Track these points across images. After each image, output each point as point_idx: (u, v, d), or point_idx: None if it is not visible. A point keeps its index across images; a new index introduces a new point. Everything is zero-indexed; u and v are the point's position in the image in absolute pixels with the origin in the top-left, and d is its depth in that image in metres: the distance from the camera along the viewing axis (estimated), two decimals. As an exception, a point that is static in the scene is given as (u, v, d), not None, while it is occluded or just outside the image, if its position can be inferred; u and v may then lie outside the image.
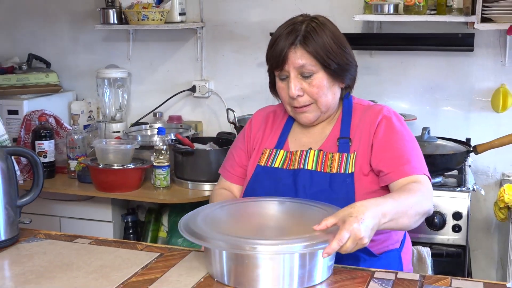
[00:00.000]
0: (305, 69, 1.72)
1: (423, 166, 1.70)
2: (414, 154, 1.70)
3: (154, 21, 3.14)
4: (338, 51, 1.75)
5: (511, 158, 2.93)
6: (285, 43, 1.73)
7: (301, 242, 1.37)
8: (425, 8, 2.76)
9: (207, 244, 1.41)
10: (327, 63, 1.72)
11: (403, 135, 1.73)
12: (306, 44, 1.71)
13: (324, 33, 1.74)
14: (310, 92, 1.74)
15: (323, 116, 1.80)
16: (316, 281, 1.42)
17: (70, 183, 3.00)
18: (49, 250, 1.66)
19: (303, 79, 1.73)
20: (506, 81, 2.90)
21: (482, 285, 1.42)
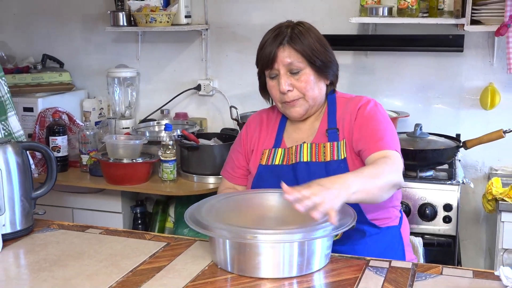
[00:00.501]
0: (293, 66, 1.77)
1: (395, 144, 1.73)
2: (388, 133, 1.74)
3: (161, 23, 3.13)
4: (322, 49, 1.81)
5: (498, 153, 2.92)
6: (273, 44, 1.79)
7: (300, 231, 1.37)
8: (418, 11, 2.75)
9: (211, 233, 1.41)
10: (312, 60, 1.77)
11: (378, 117, 1.77)
12: (293, 43, 1.77)
13: (308, 34, 1.80)
14: (299, 87, 1.79)
15: (310, 110, 1.84)
16: (314, 269, 1.42)
17: (82, 176, 3.00)
18: (62, 239, 1.66)
19: (292, 75, 1.79)
20: (494, 80, 2.89)
21: (471, 273, 1.42)
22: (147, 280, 1.38)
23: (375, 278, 1.39)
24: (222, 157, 2.88)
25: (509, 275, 1.33)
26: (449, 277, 1.39)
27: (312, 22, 3.09)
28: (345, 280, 1.38)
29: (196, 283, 1.36)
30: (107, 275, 1.41)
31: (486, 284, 1.35)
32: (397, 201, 1.85)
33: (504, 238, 2.50)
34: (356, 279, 1.37)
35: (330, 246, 1.47)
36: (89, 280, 1.39)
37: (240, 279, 1.38)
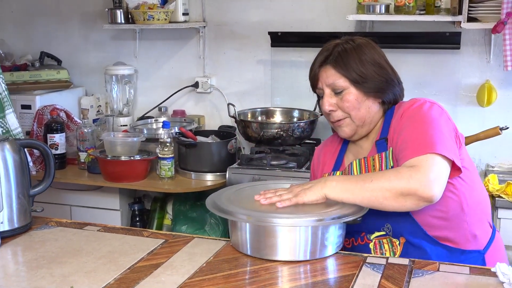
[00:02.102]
0: (335, 86, 1.69)
1: (434, 146, 1.52)
2: (426, 135, 1.56)
3: (159, 20, 3.12)
4: (371, 69, 1.69)
5: (495, 150, 2.92)
6: (316, 64, 1.74)
7: (314, 216, 1.44)
8: (415, 8, 2.75)
9: (234, 218, 1.48)
10: (355, 80, 1.68)
11: (418, 118, 1.61)
12: (335, 62, 1.69)
13: (355, 52, 1.69)
14: (342, 107, 1.70)
15: (361, 130, 1.73)
16: (327, 253, 1.48)
17: (80, 174, 3.00)
18: (60, 237, 1.65)
19: (336, 95, 1.71)
20: (491, 77, 2.89)
21: (468, 269, 1.41)
22: (145, 277, 1.38)
23: (373, 274, 1.38)
24: (220, 154, 2.88)
25: (505, 271, 1.33)
26: (446, 274, 1.39)
27: (309, 19, 3.12)
28: (342, 277, 1.37)
29: (194, 280, 1.36)
30: (105, 272, 1.41)
31: (483, 281, 1.35)
32: (473, 221, 1.62)
33: (501, 234, 2.49)
34: (354, 276, 1.37)
35: (341, 235, 1.51)
36: (87, 277, 1.39)
37: (238, 275, 1.38)
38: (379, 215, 1.58)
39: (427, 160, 1.50)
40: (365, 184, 1.49)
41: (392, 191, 1.47)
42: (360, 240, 1.66)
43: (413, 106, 1.65)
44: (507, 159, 2.94)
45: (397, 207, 1.50)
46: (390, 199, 1.48)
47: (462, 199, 1.60)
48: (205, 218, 3.01)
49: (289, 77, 3.15)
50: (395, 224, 1.60)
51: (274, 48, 3.18)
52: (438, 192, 1.48)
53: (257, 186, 1.73)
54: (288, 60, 3.19)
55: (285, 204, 1.50)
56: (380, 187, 1.48)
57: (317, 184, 1.53)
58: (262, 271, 1.40)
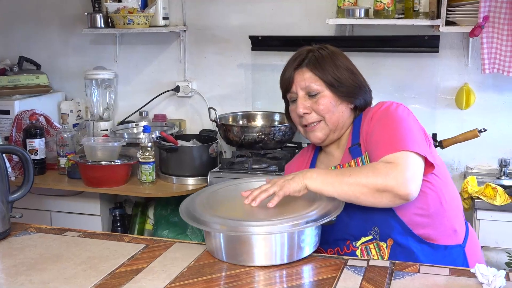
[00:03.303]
0: (310, 88, 1.70)
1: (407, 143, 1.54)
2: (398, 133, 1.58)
3: (139, 25, 3.11)
4: (346, 74, 1.72)
5: (474, 152, 2.95)
6: (291, 67, 1.74)
7: (288, 222, 1.42)
8: (394, 12, 2.77)
9: (207, 228, 1.46)
10: (331, 83, 1.69)
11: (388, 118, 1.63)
12: (311, 65, 1.71)
13: (330, 59, 1.72)
14: (317, 110, 1.70)
15: (332, 136, 1.74)
16: (304, 254, 1.47)
17: (60, 179, 2.98)
18: (39, 243, 1.64)
19: (310, 98, 1.71)
20: (469, 80, 2.92)
21: (448, 270, 1.43)
22: (126, 283, 1.37)
23: (354, 277, 1.39)
24: (201, 159, 2.88)
25: (484, 272, 1.34)
26: (426, 275, 1.40)
27: (289, 23, 3.13)
28: (323, 280, 1.38)
29: (175, 285, 1.36)
30: (85, 278, 1.40)
31: (463, 282, 1.36)
32: (452, 216, 1.66)
33: (480, 236, 2.52)
34: (335, 279, 1.38)
35: (318, 234, 1.51)
36: (67, 284, 1.37)
37: (219, 279, 1.38)
38: (367, 219, 1.60)
39: (402, 158, 1.52)
40: (344, 178, 1.51)
41: (369, 187, 1.49)
42: (346, 249, 1.65)
43: (381, 109, 1.68)
44: (486, 161, 2.97)
45: (374, 203, 1.52)
46: (367, 194, 1.50)
47: (440, 195, 1.63)
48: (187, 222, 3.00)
49: (270, 80, 3.16)
50: (383, 226, 1.60)
51: (254, 52, 3.18)
52: (414, 190, 1.50)
53: (230, 187, 1.72)
54: (269, 64, 3.20)
55: (276, 202, 1.50)
56: (358, 182, 1.49)
57: (299, 175, 1.54)
58: (244, 275, 1.40)
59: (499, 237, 2.51)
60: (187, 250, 1.56)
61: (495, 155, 2.94)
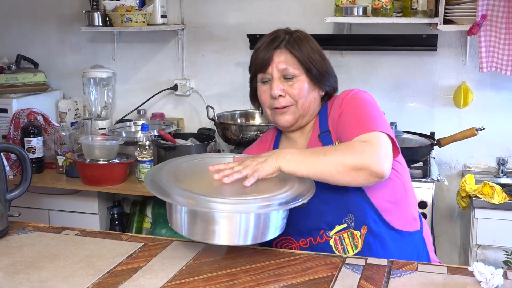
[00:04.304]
0: (287, 71, 1.68)
1: (377, 124, 1.57)
2: (366, 114, 1.61)
3: (137, 23, 3.11)
4: (319, 58, 1.72)
5: (472, 151, 2.96)
6: (269, 47, 1.70)
7: (257, 202, 1.37)
8: (392, 10, 2.77)
9: (169, 199, 1.39)
10: (309, 67, 1.69)
11: (356, 102, 1.66)
12: (291, 47, 1.69)
13: (306, 42, 1.72)
14: (292, 94, 1.69)
15: (301, 121, 1.74)
16: (268, 238, 1.43)
17: (58, 178, 2.97)
18: (37, 241, 1.64)
19: (285, 81, 1.69)
20: (467, 78, 2.93)
21: (446, 269, 1.43)
22: (124, 281, 1.37)
23: (352, 275, 1.39)
24: (199, 157, 2.87)
25: (482, 271, 1.34)
26: (424, 273, 1.40)
27: (287, 22, 3.12)
28: (321, 278, 1.38)
29: (174, 283, 1.35)
30: (83, 277, 1.39)
31: (460, 280, 1.37)
32: (412, 204, 1.71)
33: (478, 234, 2.53)
34: (333, 277, 1.38)
35: (285, 217, 1.47)
36: (65, 282, 1.37)
37: (217, 278, 1.38)
38: (342, 206, 1.60)
39: (376, 137, 1.53)
40: (319, 157, 1.48)
41: (345, 165, 1.47)
42: (320, 239, 1.64)
43: (349, 95, 1.69)
44: (484, 159, 2.97)
45: (349, 181, 1.50)
46: (343, 173, 1.47)
47: (404, 182, 1.66)
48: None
49: (268, 79, 3.16)
50: (359, 213, 1.60)
51: (252, 50, 3.17)
52: (388, 168, 1.50)
53: (195, 161, 1.65)
54: (267, 62, 3.19)
55: (252, 182, 1.43)
56: (334, 161, 1.47)
57: (271, 156, 1.49)
58: (242, 274, 1.40)
59: (496, 236, 2.51)
60: (185, 248, 1.56)
61: (493, 153, 2.95)
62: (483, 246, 2.53)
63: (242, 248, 1.56)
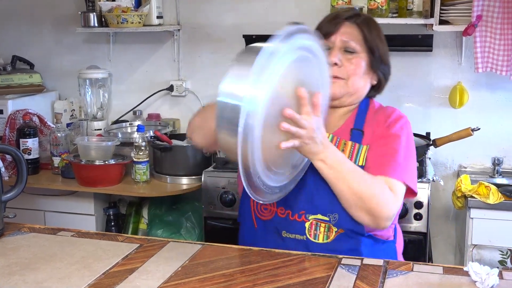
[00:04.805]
0: (350, 44, 1.67)
1: (406, 175, 1.62)
2: (404, 160, 1.63)
3: (133, 24, 3.10)
4: (383, 44, 1.74)
5: (467, 151, 2.96)
6: (342, 16, 1.70)
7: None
8: (387, 11, 2.77)
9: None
10: (372, 48, 1.69)
11: (401, 139, 1.66)
12: (361, 23, 1.70)
13: (375, 25, 1.74)
14: (348, 67, 1.67)
15: (346, 100, 1.71)
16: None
17: (54, 179, 2.97)
18: (33, 243, 1.63)
19: (345, 53, 1.68)
20: (462, 79, 2.93)
21: (441, 269, 1.43)
22: (120, 282, 1.37)
23: (348, 276, 1.39)
24: (195, 158, 2.88)
25: (477, 271, 1.35)
26: (419, 274, 1.41)
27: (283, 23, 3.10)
28: (317, 279, 1.38)
29: (170, 284, 1.36)
30: (79, 278, 1.39)
31: (456, 280, 1.37)
32: (397, 216, 1.73)
33: (473, 234, 2.53)
34: (329, 277, 1.38)
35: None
36: (61, 283, 1.37)
37: (213, 279, 1.38)
38: (332, 203, 1.60)
39: (401, 192, 1.61)
40: (353, 183, 1.52)
41: (365, 203, 1.53)
42: (297, 217, 1.65)
43: (398, 124, 1.69)
44: (479, 159, 2.98)
45: (354, 213, 1.57)
46: (357, 208, 1.55)
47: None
48: (181, 222, 3.00)
49: (264, 80, 3.16)
50: (343, 218, 1.61)
51: (249, 51, 3.17)
52: (388, 225, 1.60)
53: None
54: (263, 63, 3.19)
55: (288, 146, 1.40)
56: (360, 194, 1.53)
57: (324, 144, 1.48)
58: (238, 274, 1.40)
59: (492, 236, 2.51)
60: (182, 249, 1.56)
61: (488, 153, 2.96)
62: (478, 246, 2.54)
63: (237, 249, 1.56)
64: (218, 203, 2.73)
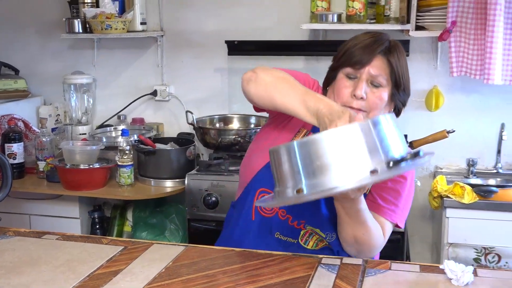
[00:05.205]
0: (378, 79, 1.58)
1: (403, 216, 1.65)
2: (404, 203, 1.65)
3: (117, 30, 3.09)
4: (408, 76, 1.66)
5: (443, 152, 2.99)
6: (371, 49, 1.59)
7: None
8: (365, 17, 2.79)
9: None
10: (399, 82, 1.61)
11: (407, 181, 1.65)
12: (391, 56, 1.60)
13: (403, 55, 1.64)
14: (371, 100, 1.58)
15: None
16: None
17: (39, 183, 2.94)
18: (18, 246, 1.61)
19: (370, 86, 1.60)
20: (438, 83, 2.96)
21: (418, 267, 1.44)
22: (104, 284, 1.36)
23: (327, 275, 1.39)
24: (179, 161, 2.87)
25: (453, 268, 1.36)
26: (397, 272, 1.41)
27: (264, 28, 3.14)
28: (298, 278, 1.38)
29: (153, 286, 1.35)
30: (64, 281, 1.38)
31: (432, 278, 1.38)
32: None
33: (449, 233, 2.56)
34: (309, 277, 1.38)
35: None
36: (46, 286, 1.36)
37: (196, 280, 1.38)
38: (335, 225, 1.61)
39: (390, 231, 1.63)
40: (359, 230, 1.53)
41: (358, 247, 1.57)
42: (296, 224, 1.64)
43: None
44: (454, 161, 3.01)
45: (345, 247, 1.60)
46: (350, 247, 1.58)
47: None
48: (165, 224, 2.99)
49: (246, 84, 3.16)
50: (339, 241, 1.62)
51: (231, 56, 3.18)
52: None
53: None
54: (245, 68, 3.15)
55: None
56: (358, 240, 1.55)
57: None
58: (220, 275, 1.40)
59: (467, 234, 2.54)
60: (165, 251, 1.55)
61: (463, 155, 2.99)
62: (454, 244, 2.56)
63: (220, 250, 1.56)
64: (201, 205, 2.73)
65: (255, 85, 1.54)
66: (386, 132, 1.28)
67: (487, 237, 2.51)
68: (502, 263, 2.51)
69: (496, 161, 2.95)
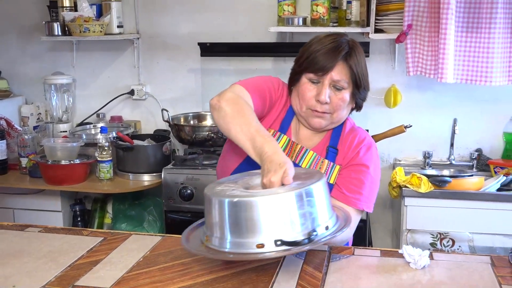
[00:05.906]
0: (340, 83, 1.60)
1: (368, 203, 1.63)
2: (367, 190, 1.63)
3: (94, 32, 3.04)
4: (366, 74, 1.65)
5: (401, 146, 3.02)
6: (332, 55, 1.58)
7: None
8: (329, 20, 2.80)
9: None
10: (359, 83, 1.62)
11: (369, 169, 1.64)
12: (351, 61, 1.60)
13: (361, 57, 1.63)
14: (335, 103, 1.60)
15: (329, 127, 1.68)
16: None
17: (22, 178, 2.89)
18: (1, 239, 1.58)
19: (333, 89, 1.60)
20: (396, 81, 2.99)
21: (379, 252, 1.45)
22: (85, 274, 1.34)
23: (296, 260, 1.40)
24: (155, 156, 2.85)
25: (411, 253, 1.38)
26: (360, 257, 1.43)
27: (235, 31, 3.13)
28: (268, 265, 1.38)
29: (132, 274, 1.33)
30: (46, 271, 1.36)
31: (392, 261, 1.39)
32: None
33: (408, 220, 2.59)
34: (278, 263, 1.38)
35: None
36: (29, 277, 1.33)
37: (172, 267, 1.37)
38: None
39: (358, 219, 1.63)
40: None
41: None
42: None
43: (367, 155, 1.65)
44: (412, 153, 3.05)
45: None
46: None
47: None
48: (143, 216, 2.96)
49: (218, 84, 3.15)
50: None
51: (203, 57, 3.16)
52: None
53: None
54: (217, 68, 3.19)
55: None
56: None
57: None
58: (195, 263, 1.39)
59: (424, 221, 2.57)
60: (143, 241, 1.54)
61: (419, 148, 3.03)
62: (412, 230, 2.59)
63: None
64: (177, 197, 2.71)
65: (218, 115, 1.53)
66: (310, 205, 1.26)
67: (442, 223, 2.55)
68: (456, 247, 2.55)
69: (450, 154, 2.99)
